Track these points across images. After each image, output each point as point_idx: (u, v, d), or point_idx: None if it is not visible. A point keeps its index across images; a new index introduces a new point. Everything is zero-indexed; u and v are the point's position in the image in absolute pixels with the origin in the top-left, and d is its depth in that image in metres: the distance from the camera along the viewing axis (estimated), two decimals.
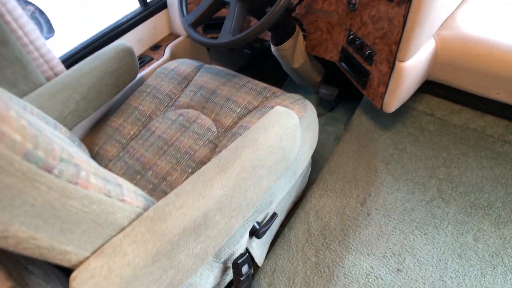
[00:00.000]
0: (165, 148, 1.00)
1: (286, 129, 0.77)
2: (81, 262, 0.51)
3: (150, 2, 1.35)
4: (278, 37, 1.19)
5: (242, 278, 0.89)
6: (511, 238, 0.95)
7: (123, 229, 0.54)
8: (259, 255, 1.04)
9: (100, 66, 1.06)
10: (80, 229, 0.48)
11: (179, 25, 1.43)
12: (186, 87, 1.15)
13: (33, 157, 0.40)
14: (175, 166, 0.96)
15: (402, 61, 0.97)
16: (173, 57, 1.39)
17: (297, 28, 1.19)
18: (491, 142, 1.12)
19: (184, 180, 0.93)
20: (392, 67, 0.99)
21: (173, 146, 1.00)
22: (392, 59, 0.98)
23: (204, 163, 0.94)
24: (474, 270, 0.93)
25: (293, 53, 1.24)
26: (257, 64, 1.88)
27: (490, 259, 0.93)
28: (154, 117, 1.10)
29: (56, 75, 1.09)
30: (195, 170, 0.94)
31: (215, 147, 0.97)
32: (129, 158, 1.02)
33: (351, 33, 1.09)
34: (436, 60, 1.06)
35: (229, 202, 0.66)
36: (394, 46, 0.96)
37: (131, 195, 0.57)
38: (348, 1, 1.05)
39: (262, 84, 1.07)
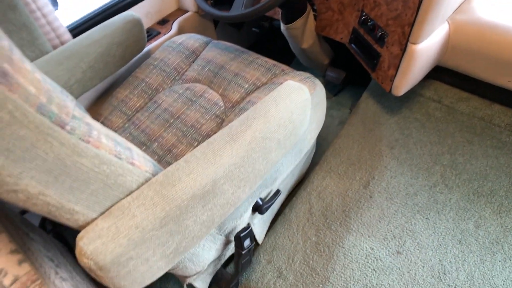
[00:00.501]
0: (171, 120, 1.00)
1: (297, 103, 0.76)
2: (88, 223, 0.51)
3: None
4: (288, 15, 1.17)
5: (243, 252, 0.89)
6: None
7: (131, 192, 0.54)
8: (259, 232, 1.05)
9: (108, 36, 1.05)
10: (89, 189, 0.48)
11: (187, 0, 1.41)
12: (193, 61, 1.14)
13: (47, 111, 0.40)
14: (181, 139, 0.95)
15: (415, 43, 0.96)
16: (180, 32, 1.37)
17: (308, 7, 1.18)
18: (498, 132, 1.12)
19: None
20: (404, 49, 0.98)
21: (179, 119, 1.00)
22: (405, 41, 0.97)
23: (210, 137, 0.94)
24: (473, 256, 0.93)
25: (303, 32, 1.22)
26: (264, 44, 1.86)
27: (490, 246, 0.94)
28: (160, 90, 1.09)
29: (62, 43, 1.08)
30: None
31: (221, 122, 0.97)
32: (135, 129, 1.02)
33: (364, 14, 1.08)
34: (448, 45, 1.05)
35: (237, 171, 0.66)
36: (408, 28, 0.95)
37: (141, 160, 0.56)
38: None
39: (271, 61, 1.06)
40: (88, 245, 0.49)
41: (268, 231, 1.10)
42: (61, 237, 1.25)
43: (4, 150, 0.38)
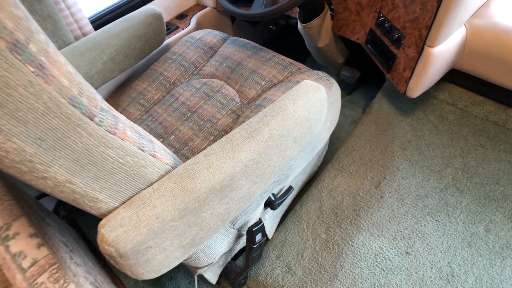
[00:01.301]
0: (188, 114, 1.02)
1: (314, 102, 0.78)
2: (109, 212, 0.53)
3: None
4: (306, 14, 1.18)
5: (255, 246, 0.91)
6: None
7: (152, 183, 0.56)
8: (269, 228, 1.06)
9: (129, 29, 1.07)
10: (113, 179, 0.50)
11: None
12: (211, 57, 1.16)
13: (78, 102, 0.42)
14: (197, 133, 0.97)
15: (431, 46, 0.97)
16: (198, 27, 1.39)
17: (326, 6, 1.19)
18: (511, 136, 1.12)
19: (206, 146, 0.95)
20: (420, 52, 0.99)
21: (196, 113, 1.02)
22: (421, 43, 0.98)
23: (226, 132, 0.96)
24: (483, 260, 0.94)
25: (319, 32, 1.23)
26: (280, 41, 1.87)
27: (500, 250, 0.95)
28: (178, 84, 1.11)
29: (84, 35, 1.10)
30: (217, 138, 0.95)
31: (237, 118, 0.98)
32: (152, 121, 1.04)
33: (381, 15, 1.08)
34: (465, 49, 1.05)
35: (254, 167, 0.68)
36: (425, 31, 0.96)
37: (162, 152, 0.58)
38: None
39: (288, 59, 1.07)
40: (110, 233, 0.51)
41: (278, 226, 1.11)
42: (74, 223, 1.28)
43: (37, 139, 0.40)
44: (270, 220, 1.06)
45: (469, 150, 1.12)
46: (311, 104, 0.77)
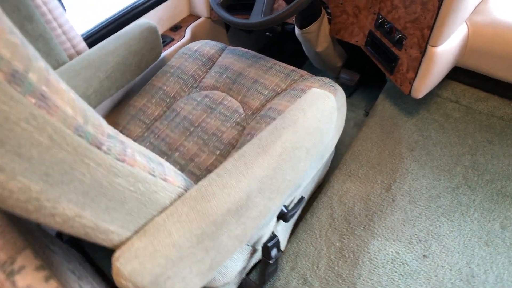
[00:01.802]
0: (192, 129, 0.99)
1: (324, 111, 0.76)
2: (122, 243, 0.50)
3: None
4: (303, 20, 1.16)
5: (271, 261, 0.89)
6: None
7: (164, 208, 0.53)
8: (282, 239, 1.04)
9: (125, 45, 1.04)
10: (124, 208, 0.47)
11: (199, 6, 1.40)
12: (210, 68, 1.13)
13: (84, 132, 0.39)
14: (202, 148, 0.95)
15: (435, 46, 0.96)
16: (194, 38, 1.37)
17: (323, 11, 1.17)
18: None
19: (213, 161, 0.92)
20: (423, 52, 0.98)
21: (200, 127, 0.99)
22: (424, 43, 0.97)
23: (233, 145, 0.93)
24: (501, 258, 0.93)
25: (317, 36, 1.22)
26: (276, 47, 1.85)
27: None
28: (178, 98, 1.08)
29: (78, 53, 1.07)
30: (224, 152, 0.93)
31: (243, 129, 0.96)
32: (154, 138, 1.01)
33: (380, 17, 1.07)
34: (467, 46, 1.04)
35: (270, 183, 0.65)
36: (427, 31, 0.95)
37: (172, 174, 0.56)
38: None
39: (290, 67, 1.05)
40: (126, 266, 0.48)
41: (289, 237, 1.09)
42: (77, 245, 1.24)
43: (43, 175, 0.37)
44: (282, 231, 1.03)
45: (477, 147, 1.11)
46: (321, 113, 0.75)
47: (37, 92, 0.34)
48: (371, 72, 1.40)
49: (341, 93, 0.98)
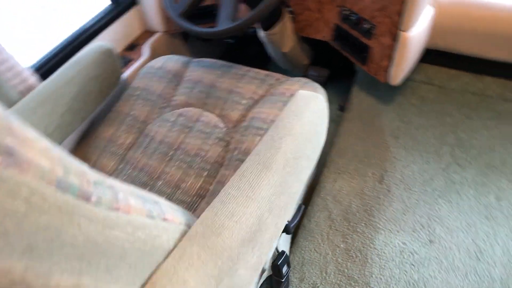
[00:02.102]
0: (171, 153, 0.91)
1: (317, 113, 0.72)
2: None
3: None
4: (267, 22, 1.12)
5: (283, 280, 0.83)
6: None
7: (169, 252, 0.46)
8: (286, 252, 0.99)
9: (82, 72, 0.94)
10: (126, 263, 0.40)
11: (153, 21, 1.32)
12: (178, 84, 1.06)
13: (67, 185, 0.31)
14: (187, 171, 0.87)
15: (406, 31, 0.95)
16: (153, 55, 1.28)
17: (283, 10, 1.14)
18: (492, 103, 1.14)
19: (201, 184, 0.85)
20: (396, 38, 0.97)
21: (180, 149, 0.91)
22: (395, 30, 0.96)
23: (220, 163, 0.87)
24: (503, 229, 0.93)
25: (283, 36, 1.18)
26: (236, 53, 1.80)
27: None
28: (149, 121, 1.00)
29: (30, 87, 0.95)
30: (212, 173, 0.86)
31: (227, 145, 0.90)
32: (132, 169, 0.92)
33: (345, 9, 1.06)
34: (435, 27, 1.05)
35: (278, 201, 0.60)
36: (396, 17, 0.94)
37: (170, 211, 0.49)
38: None
39: (263, 72, 1.00)
40: None
41: (291, 247, 1.04)
42: None
43: (26, 250, 0.29)
44: (284, 244, 0.98)
45: (457, 124, 1.13)
46: (315, 116, 0.71)
47: (1, 148, 0.27)
48: (339, 65, 1.39)
49: (321, 91, 0.94)
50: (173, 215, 0.49)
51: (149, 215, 0.43)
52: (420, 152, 1.10)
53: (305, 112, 0.69)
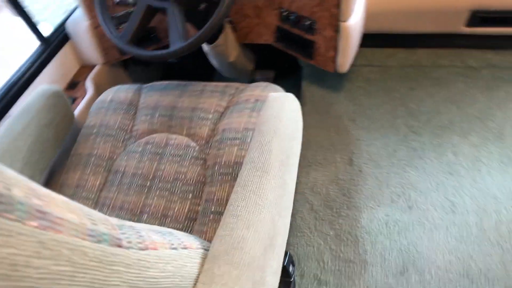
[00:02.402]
0: (148, 183, 0.88)
1: (293, 111, 0.75)
2: None
3: (49, 38, 1.16)
4: (211, 35, 1.13)
5: (292, 280, 0.85)
6: (479, 143, 1.10)
7: (196, 278, 0.46)
8: None
9: (33, 121, 0.88)
10: None
11: (90, 54, 1.26)
12: (135, 113, 1.03)
13: (99, 234, 0.31)
14: (170, 198, 0.85)
15: (345, 21, 1.02)
16: (98, 89, 1.22)
17: (224, 21, 1.16)
18: (428, 71, 1.26)
19: (189, 207, 0.83)
20: (338, 29, 1.03)
21: (156, 178, 0.89)
22: (336, 21, 1.02)
23: (202, 182, 0.86)
24: (467, 180, 1.04)
25: (227, 47, 1.20)
26: (176, 72, 1.78)
27: (473, 165, 1.06)
28: (115, 157, 0.95)
29: None
30: (197, 193, 0.85)
31: (204, 162, 0.89)
32: (110, 211, 0.87)
33: (283, 10, 1.10)
34: (368, 12, 1.13)
35: (282, 201, 0.62)
36: (335, 9, 1.00)
37: (186, 239, 0.49)
38: None
39: (221, 84, 1.01)
40: None
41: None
42: None
43: None
44: None
45: (404, 97, 1.23)
46: (292, 114, 0.74)
47: (32, 210, 0.26)
48: (284, 65, 1.43)
49: (281, 89, 0.98)
50: (189, 241, 0.48)
51: (171, 247, 0.42)
52: (378, 129, 1.18)
53: (283, 112, 0.72)
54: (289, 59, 1.30)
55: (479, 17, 1.10)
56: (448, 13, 1.12)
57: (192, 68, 1.71)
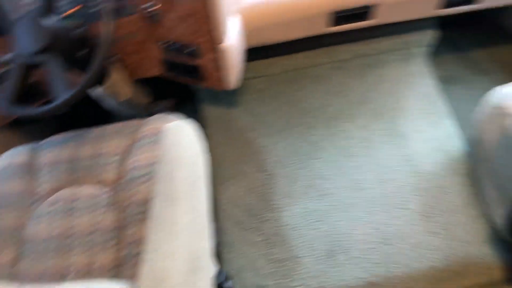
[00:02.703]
0: (67, 242, 0.85)
1: (190, 136, 0.79)
2: None
3: None
4: (99, 77, 1.13)
5: None
6: (365, 124, 1.25)
7: None
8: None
9: None
10: None
11: None
12: (36, 174, 0.98)
13: None
14: (92, 251, 0.83)
15: (222, 42, 1.09)
16: None
17: (109, 60, 1.16)
18: (307, 72, 1.40)
19: (115, 256, 0.82)
20: (217, 51, 1.10)
21: (73, 235, 0.86)
22: (213, 45, 1.09)
23: (121, 227, 0.85)
24: (364, 158, 1.18)
25: (117, 86, 1.20)
26: (70, 120, 1.70)
27: (364, 144, 1.21)
28: (23, 225, 0.90)
29: None
30: (121, 238, 0.84)
31: (118, 206, 0.88)
32: (30, 282, 0.82)
33: (163, 42, 1.14)
34: (246, 29, 1.23)
35: (197, 224, 0.66)
36: (209, 35, 1.07)
37: (115, 286, 0.51)
38: (147, 16, 1.08)
39: (118, 124, 1.01)
40: None
41: (221, 266, 1.09)
42: None
43: None
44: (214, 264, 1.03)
45: (293, 98, 1.35)
46: (190, 140, 0.78)
47: None
48: (182, 91, 1.47)
49: (181, 117, 1.01)
50: None
51: None
52: (278, 133, 1.28)
53: (180, 140, 0.75)
54: (185, 86, 1.34)
55: (338, 17, 1.26)
56: (312, 18, 1.26)
57: (89, 113, 1.66)
